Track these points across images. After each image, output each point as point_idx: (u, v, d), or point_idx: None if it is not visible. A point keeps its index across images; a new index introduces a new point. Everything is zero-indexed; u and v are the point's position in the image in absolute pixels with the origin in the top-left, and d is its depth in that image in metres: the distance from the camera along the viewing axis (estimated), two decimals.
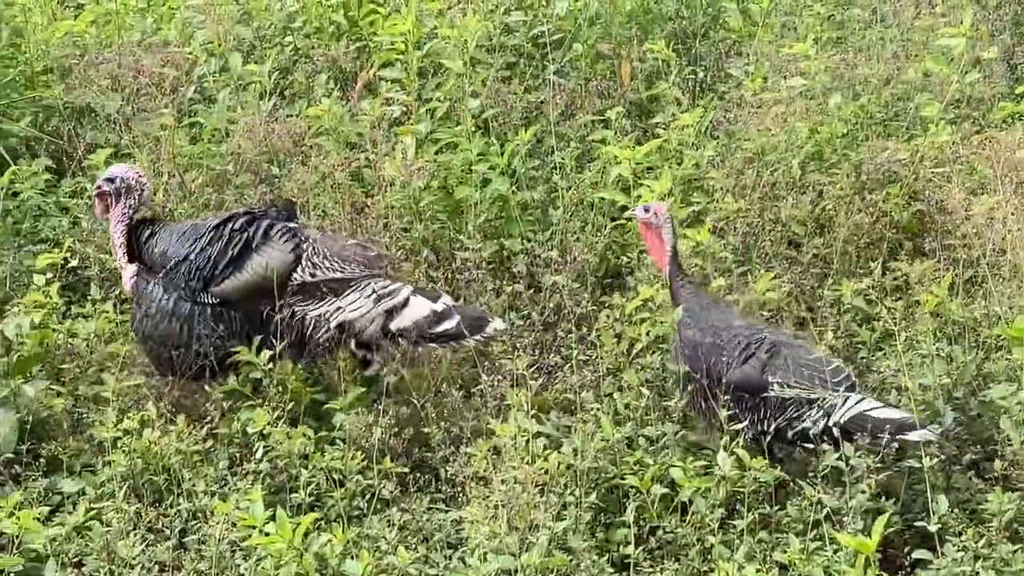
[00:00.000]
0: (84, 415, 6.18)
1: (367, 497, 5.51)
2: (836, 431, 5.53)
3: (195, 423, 5.88)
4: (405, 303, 6.27)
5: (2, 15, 9.18)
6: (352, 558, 4.98)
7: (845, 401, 5.57)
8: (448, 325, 6.21)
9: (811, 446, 5.62)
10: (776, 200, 7.18)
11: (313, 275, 6.26)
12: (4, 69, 8.96)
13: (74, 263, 7.05)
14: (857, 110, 7.60)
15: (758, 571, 5.01)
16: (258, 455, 5.65)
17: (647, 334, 6.19)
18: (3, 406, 6.05)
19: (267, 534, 4.93)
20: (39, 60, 9.21)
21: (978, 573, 4.98)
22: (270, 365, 5.94)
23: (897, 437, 5.42)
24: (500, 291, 6.92)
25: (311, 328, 6.28)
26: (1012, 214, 6.72)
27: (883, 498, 5.33)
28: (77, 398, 6.34)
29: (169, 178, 7.62)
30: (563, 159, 7.58)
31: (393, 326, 6.25)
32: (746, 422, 5.63)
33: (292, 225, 6.43)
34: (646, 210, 6.17)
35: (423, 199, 7.37)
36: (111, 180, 6.53)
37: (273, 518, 5.03)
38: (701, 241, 6.51)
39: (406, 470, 5.68)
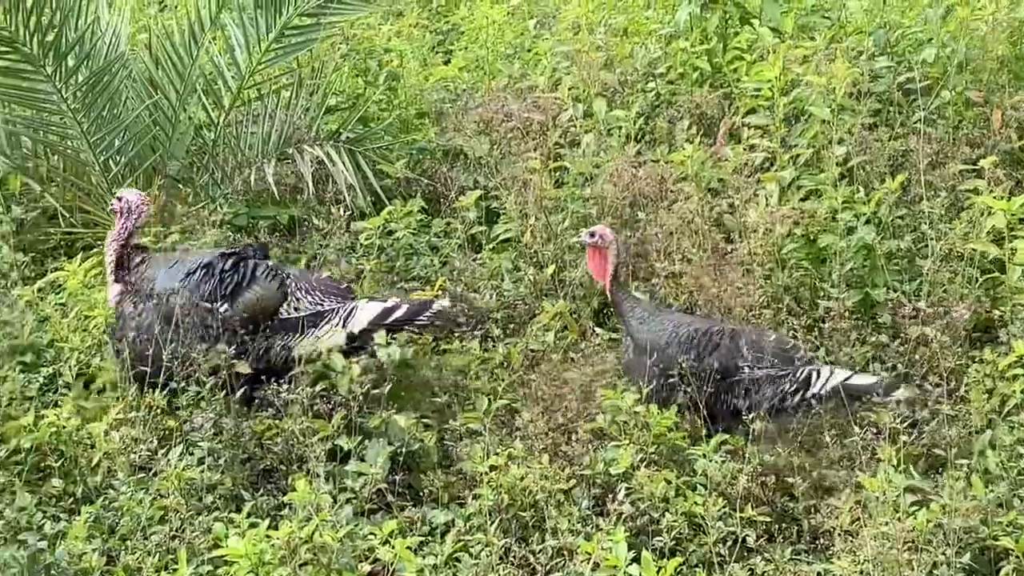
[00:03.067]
0: (453, 448, 6.35)
1: (729, 544, 5.48)
2: (814, 401, 6.10)
3: (560, 461, 5.97)
4: (358, 311, 6.76)
5: (381, 62, 9.64)
6: None
7: (819, 373, 6.17)
8: (398, 314, 6.75)
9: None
10: None
11: (297, 309, 6.72)
12: (382, 113, 9.40)
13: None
14: None
15: None
16: (620, 496, 5.70)
17: (1022, 391, 5.99)
18: (376, 436, 6.27)
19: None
20: (413, 104, 9.61)
21: None
22: (637, 408, 6.00)
23: (885, 398, 5.99)
24: (864, 341, 6.82)
25: (295, 358, 6.64)
26: None
27: None
28: (444, 431, 6.52)
29: (535, 220, 7.79)
30: (932, 208, 7.40)
31: (355, 330, 6.70)
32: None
33: (273, 263, 6.88)
34: (592, 235, 6.68)
35: (785, 246, 7.32)
36: (119, 199, 6.95)
37: (636, 560, 5.08)
38: None
39: (769, 518, 5.64)
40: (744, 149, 7.91)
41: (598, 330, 7.13)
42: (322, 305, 6.76)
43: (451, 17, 11.52)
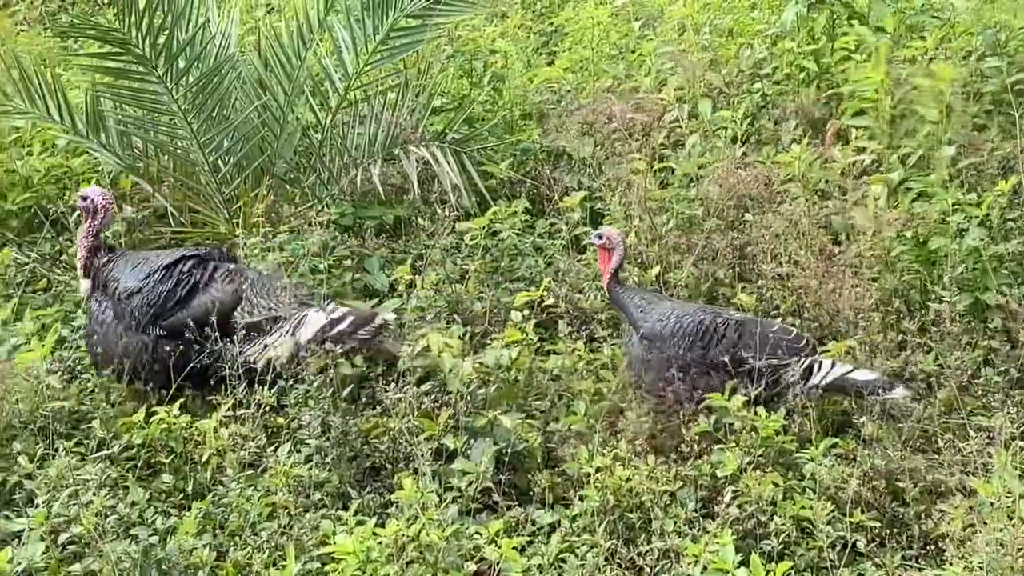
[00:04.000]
0: (557, 449, 6.34)
1: (838, 549, 5.42)
2: (816, 392, 6.24)
3: (665, 462, 5.95)
4: (307, 320, 6.76)
5: (486, 63, 9.67)
6: None
7: (820, 366, 6.26)
8: (342, 326, 6.71)
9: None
10: None
11: (252, 313, 6.76)
12: (487, 114, 9.43)
13: (549, 302, 7.27)
14: None
15: None
16: (727, 499, 5.66)
17: None
18: (482, 435, 6.28)
19: None
20: (517, 105, 9.63)
21: None
22: (743, 411, 5.96)
23: (882, 397, 6.10)
24: (975, 345, 6.73)
25: (243, 365, 6.61)
26: None
27: None
28: (549, 432, 6.51)
29: (639, 221, 7.77)
30: None
31: (302, 340, 6.69)
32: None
33: (233, 267, 6.96)
34: (599, 237, 6.83)
35: (894, 249, 7.24)
36: (84, 199, 7.09)
37: (744, 563, 5.05)
38: None
39: (879, 523, 5.58)
40: (852, 150, 7.83)
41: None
42: (276, 311, 6.80)
43: (555, 18, 11.52)
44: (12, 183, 8.92)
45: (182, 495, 6.14)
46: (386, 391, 6.29)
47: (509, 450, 6.18)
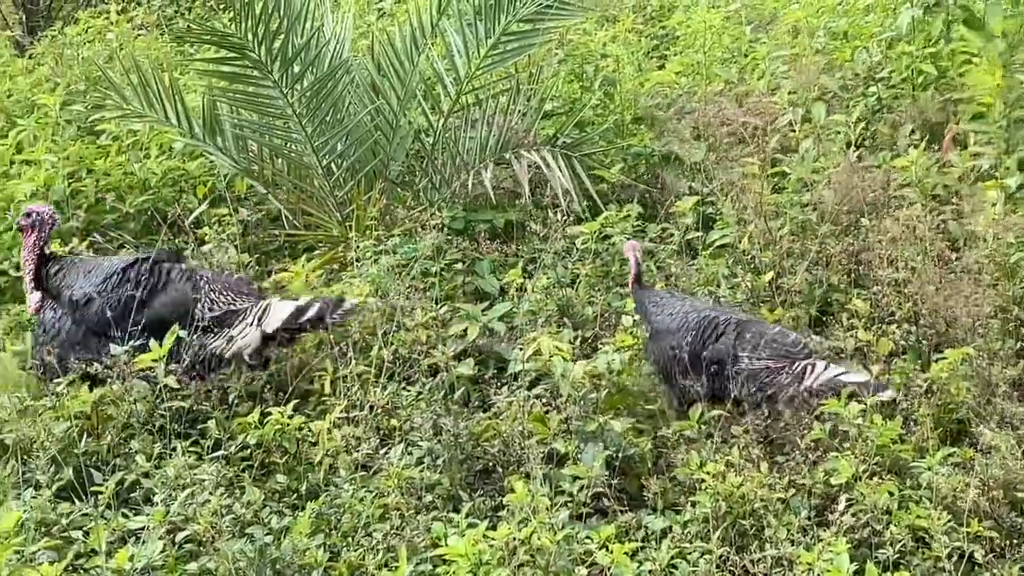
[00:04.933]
0: (668, 454, 6.31)
1: (955, 559, 5.34)
2: (806, 394, 6.19)
3: (779, 469, 5.90)
4: (271, 310, 6.89)
5: (597, 67, 9.66)
6: None
7: (814, 367, 6.23)
8: (311, 313, 6.84)
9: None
10: None
11: (211, 309, 6.89)
12: (597, 118, 9.43)
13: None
14: None
15: None
16: (841, 507, 5.59)
17: None
18: (592, 440, 6.27)
19: None
20: (628, 109, 9.61)
21: None
22: (859, 419, 5.88)
23: (871, 398, 5.97)
24: None
25: (210, 358, 6.88)
26: None
27: None
28: (660, 438, 6.48)
29: (753, 226, 7.71)
30: None
31: (269, 330, 6.83)
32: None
33: (186, 266, 7.10)
34: None
35: (1013, 255, 7.11)
36: (28, 215, 7.18)
37: (859, 572, 4.99)
38: None
39: (996, 534, 5.49)
40: (970, 155, 7.72)
41: (815, 337, 7.00)
42: (234, 305, 6.92)
43: (667, 22, 11.49)
44: (130, 186, 9.08)
45: (296, 495, 6.18)
46: (498, 394, 6.32)
47: (620, 455, 6.16)
